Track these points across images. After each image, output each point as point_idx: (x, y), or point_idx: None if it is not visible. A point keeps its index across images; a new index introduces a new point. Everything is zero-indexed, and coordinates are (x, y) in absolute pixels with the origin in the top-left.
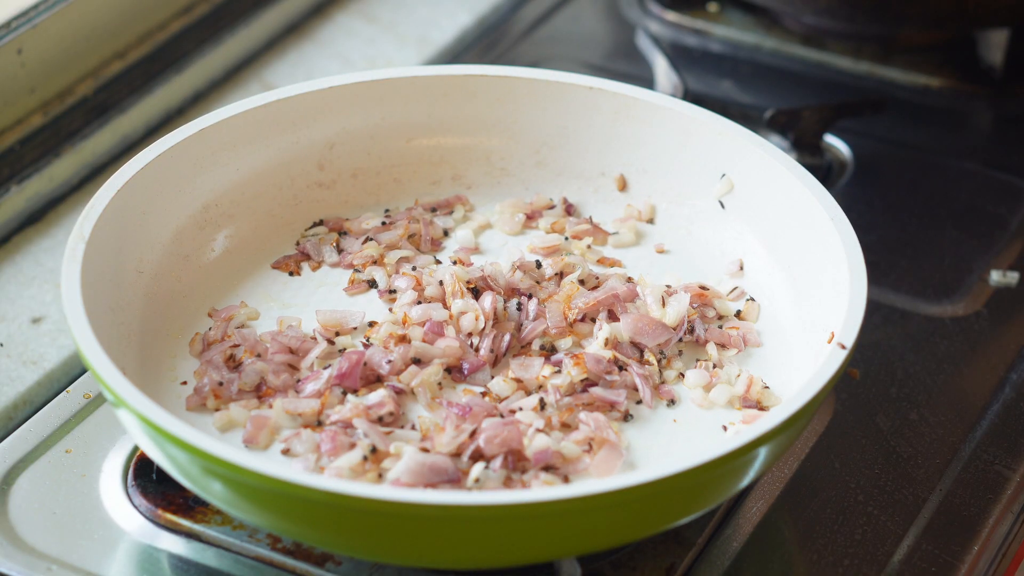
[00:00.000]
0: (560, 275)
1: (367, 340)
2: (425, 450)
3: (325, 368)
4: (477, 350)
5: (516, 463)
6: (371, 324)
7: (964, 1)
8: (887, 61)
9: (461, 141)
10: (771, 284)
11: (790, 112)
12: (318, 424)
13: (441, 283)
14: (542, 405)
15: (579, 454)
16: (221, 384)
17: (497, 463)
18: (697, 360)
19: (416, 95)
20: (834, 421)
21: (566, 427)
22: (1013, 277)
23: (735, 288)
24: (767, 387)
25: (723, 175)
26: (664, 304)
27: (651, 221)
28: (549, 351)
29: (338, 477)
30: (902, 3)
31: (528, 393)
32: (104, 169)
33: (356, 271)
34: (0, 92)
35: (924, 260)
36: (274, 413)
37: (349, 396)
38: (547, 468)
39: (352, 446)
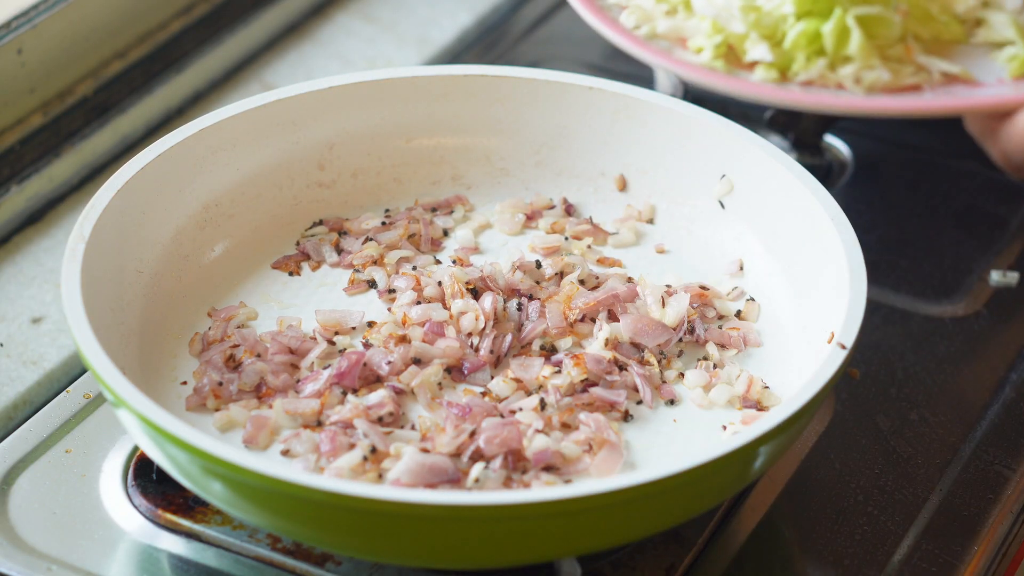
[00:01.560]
0: (560, 275)
1: (366, 340)
2: (425, 450)
3: (325, 368)
4: (477, 350)
5: (516, 463)
6: (370, 324)
7: None
8: None
9: (461, 141)
10: (771, 284)
11: (790, 112)
12: (318, 424)
13: (440, 284)
14: (542, 405)
15: (579, 454)
16: (221, 384)
17: (497, 463)
18: (697, 360)
19: (416, 95)
20: (834, 421)
21: (566, 427)
22: (1013, 277)
23: (735, 288)
24: (767, 387)
25: (723, 175)
26: (664, 304)
27: (651, 221)
28: (549, 351)
29: (338, 477)
30: None
31: (528, 393)
32: (104, 169)
33: (356, 271)
34: (0, 92)
35: (924, 260)
36: (274, 413)
37: (349, 396)
38: (547, 468)
39: (352, 446)
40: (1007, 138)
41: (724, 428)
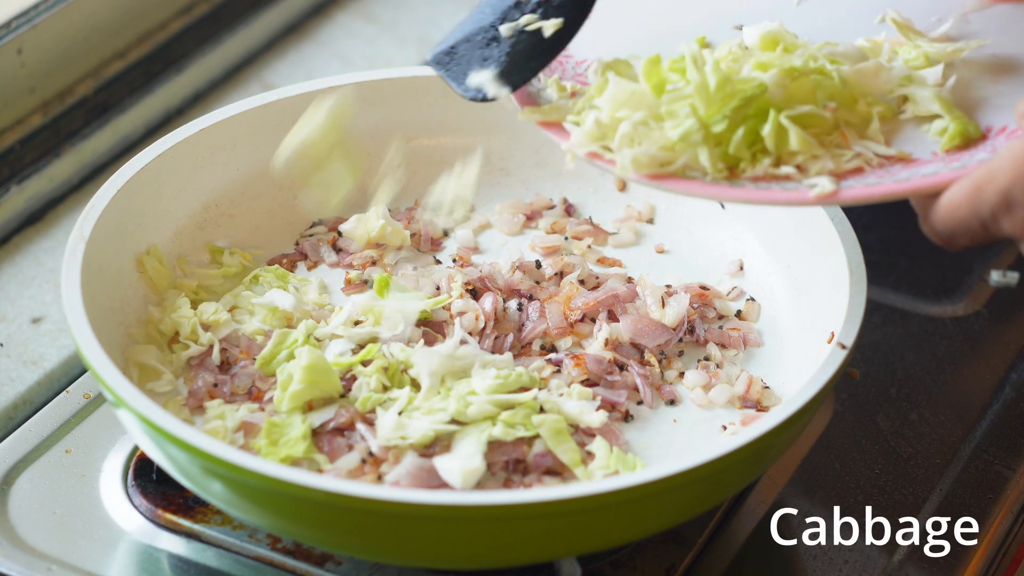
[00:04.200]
0: (560, 275)
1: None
2: (423, 454)
3: None
4: None
5: (516, 466)
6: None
7: None
8: None
9: (461, 141)
10: (771, 284)
11: None
12: None
13: (438, 288)
14: None
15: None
16: (216, 386)
17: (497, 465)
18: (697, 360)
19: (416, 95)
20: (834, 421)
21: None
22: (1013, 277)
23: (735, 288)
24: (767, 387)
25: None
26: (664, 304)
27: (651, 221)
28: (549, 351)
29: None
30: None
31: None
32: (104, 169)
33: (355, 271)
34: (0, 92)
35: (924, 260)
36: (265, 418)
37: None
38: (548, 472)
39: (350, 447)
40: (934, 214)
41: (724, 428)
